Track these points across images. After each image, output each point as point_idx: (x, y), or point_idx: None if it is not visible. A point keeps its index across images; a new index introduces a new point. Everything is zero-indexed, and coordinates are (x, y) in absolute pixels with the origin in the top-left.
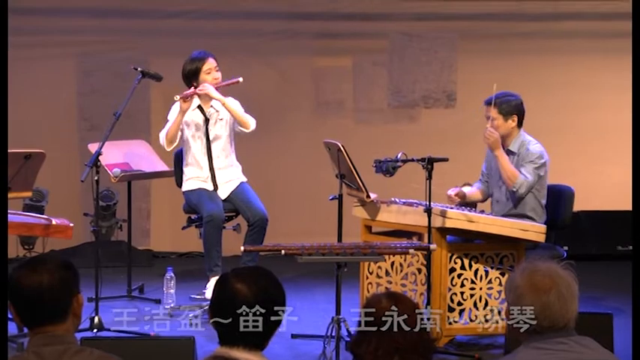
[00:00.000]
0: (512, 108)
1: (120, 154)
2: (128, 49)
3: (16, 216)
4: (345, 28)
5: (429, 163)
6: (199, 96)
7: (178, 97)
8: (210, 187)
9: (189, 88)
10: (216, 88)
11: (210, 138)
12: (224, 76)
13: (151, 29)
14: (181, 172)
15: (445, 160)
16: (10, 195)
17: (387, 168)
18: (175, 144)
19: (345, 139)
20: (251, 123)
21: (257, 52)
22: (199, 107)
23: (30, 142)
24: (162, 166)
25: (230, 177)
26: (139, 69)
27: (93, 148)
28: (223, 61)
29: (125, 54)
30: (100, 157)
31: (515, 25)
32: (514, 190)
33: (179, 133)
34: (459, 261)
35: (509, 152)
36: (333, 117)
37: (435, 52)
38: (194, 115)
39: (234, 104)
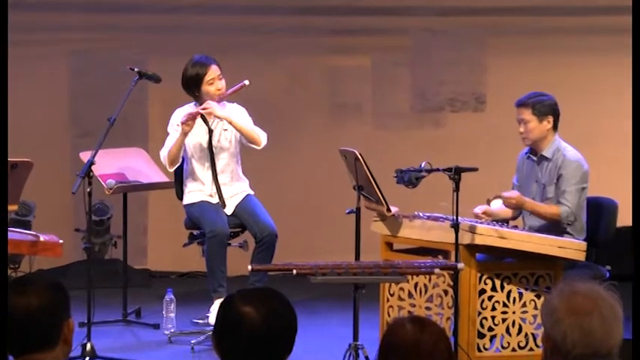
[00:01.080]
0: (547, 108)
1: (115, 164)
2: (124, 47)
3: None
4: (363, 24)
5: (456, 174)
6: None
7: (180, 123)
8: (216, 201)
9: (191, 95)
10: (221, 99)
11: (214, 151)
12: (229, 77)
13: (149, 25)
14: (182, 183)
15: (474, 169)
16: None
17: (409, 178)
18: (178, 164)
19: (363, 147)
20: (262, 139)
21: (265, 51)
22: (202, 117)
23: (16, 150)
24: (161, 177)
25: (235, 191)
26: (135, 69)
27: (85, 156)
28: (228, 61)
29: (121, 53)
30: (93, 167)
31: (552, 19)
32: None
33: (182, 152)
34: (489, 282)
35: (543, 158)
36: (350, 122)
37: (462, 51)
38: (197, 126)
39: (241, 118)
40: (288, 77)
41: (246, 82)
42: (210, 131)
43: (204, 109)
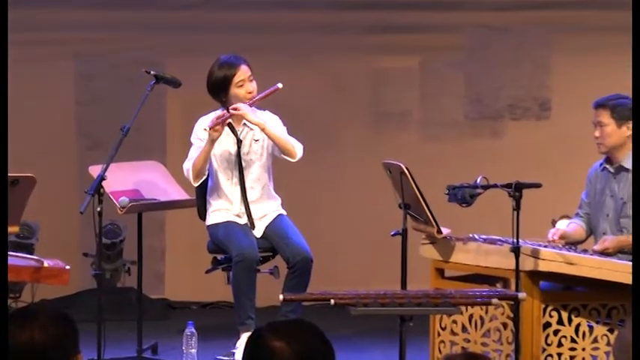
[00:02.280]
0: (629, 113)
1: (128, 179)
2: (138, 47)
3: None
4: (411, 20)
5: (516, 190)
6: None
7: (208, 127)
8: (244, 222)
9: (218, 101)
10: (252, 103)
11: (243, 164)
12: (259, 82)
13: (167, 23)
14: (205, 201)
15: (537, 186)
16: None
17: (463, 196)
18: (204, 178)
19: (411, 160)
20: (298, 150)
21: (299, 51)
22: (229, 125)
23: (16, 164)
24: (180, 194)
25: (266, 211)
26: (152, 72)
27: (95, 171)
28: (257, 63)
29: (135, 54)
30: (104, 183)
31: (625, 14)
32: None
33: (208, 163)
34: (555, 314)
35: (621, 169)
36: (395, 132)
37: (523, 50)
38: (223, 135)
39: (274, 126)
40: (324, 81)
41: (280, 85)
42: (239, 141)
43: (234, 109)
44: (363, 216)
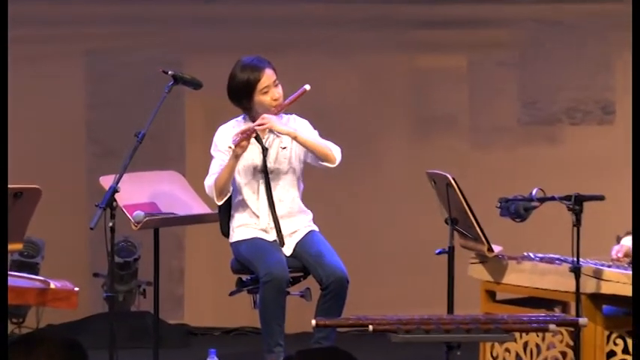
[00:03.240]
0: None
1: (144, 191)
2: (155, 44)
3: None
4: (458, 14)
5: (576, 203)
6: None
7: (232, 145)
8: (272, 238)
9: (239, 107)
10: (279, 110)
11: (270, 175)
12: (286, 83)
13: (186, 17)
14: (229, 215)
15: (600, 198)
16: None
17: (516, 209)
18: (228, 195)
19: (458, 169)
20: (336, 154)
21: (333, 49)
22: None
23: (20, 174)
24: (201, 208)
25: (296, 227)
26: (169, 72)
27: (106, 182)
28: (285, 62)
29: (151, 52)
30: (117, 195)
31: None
32: None
33: (232, 180)
34: (620, 342)
35: None
36: (441, 138)
37: (584, 47)
38: (249, 145)
39: (306, 132)
40: (362, 82)
41: (307, 87)
42: (265, 150)
43: (260, 125)
44: (405, 232)
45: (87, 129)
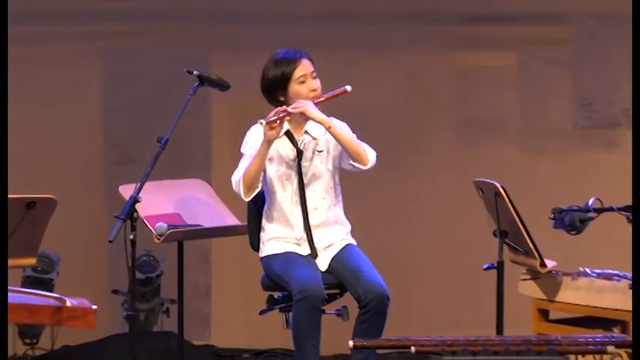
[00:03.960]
0: None
1: (167, 201)
2: (178, 42)
3: (12, 295)
4: (507, 8)
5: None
6: (290, 117)
7: (264, 121)
8: (305, 252)
9: (274, 103)
10: (316, 105)
11: (305, 180)
12: (324, 83)
13: (212, 13)
14: (259, 227)
15: None
16: None
17: (572, 221)
18: (257, 190)
19: (508, 177)
20: (370, 156)
21: (371, 47)
22: (287, 134)
23: (33, 183)
24: (229, 219)
25: (332, 239)
26: (194, 72)
27: (127, 191)
28: (320, 61)
29: (174, 50)
30: (137, 206)
31: None
32: None
33: (262, 174)
34: None
35: None
36: (489, 143)
37: None
38: (280, 146)
39: (342, 129)
40: (402, 82)
41: (348, 87)
42: (299, 153)
43: (295, 107)
44: (449, 245)
45: (105, 134)
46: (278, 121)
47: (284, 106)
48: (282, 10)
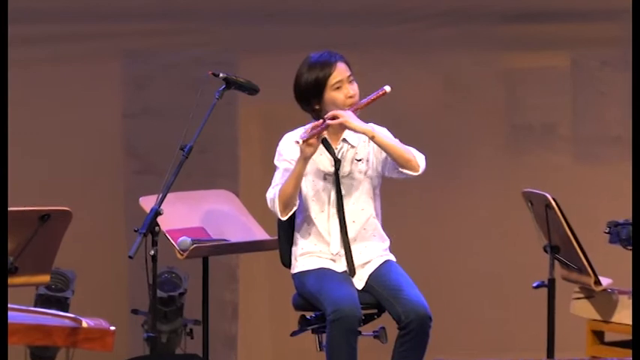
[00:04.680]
0: None
1: (191, 214)
2: (203, 43)
3: (24, 315)
4: (558, 5)
5: None
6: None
7: (300, 140)
8: (341, 269)
9: (308, 111)
10: (354, 110)
11: (343, 191)
12: (360, 90)
13: (240, 12)
14: (291, 242)
15: None
16: (14, 280)
17: (629, 235)
18: (295, 208)
19: (559, 188)
20: (420, 160)
21: (409, 47)
22: (324, 142)
23: (48, 194)
24: (258, 233)
25: (370, 255)
26: (220, 75)
27: (147, 203)
28: (354, 63)
29: (198, 52)
30: (159, 219)
31: None
32: None
33: (299, 190)
34: None
35: None
36: (538, 150)
37: None
38: (317, 156)
39: (386, 136)
40: (444, 85)
41: (387, 88)
42: (337, 162)
43: (333, 118)
44: (496, 261)
45: (124, 141)
46: (317, 136)
47: (321, 120)
48: (314, 8)
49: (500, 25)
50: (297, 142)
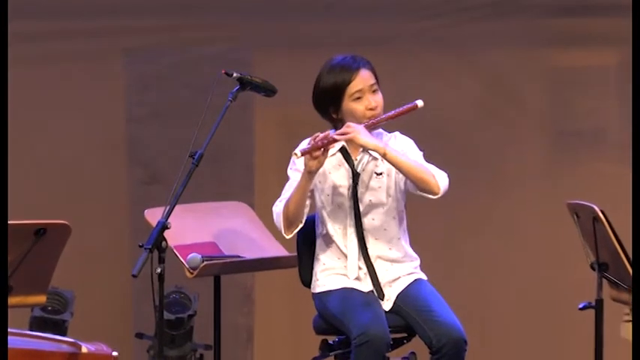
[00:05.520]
0: None
1: (201, 228)
2: (215, 40)
3: (18, 339)
4: None
5: None
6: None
7: (298, 152)
8: (367, 288)
9: (327, 119)
10: (374, 124)
11: (361, 207)
12: (388, 93)
13: (256, 5)
14: (311, 258)
15: None
16: (10, 300)
17: None
18: (300, 226)
19: (608, 199)
20: (440, 181)
21: (443, 44)
22: (343, 151)
23: (44, 207)
24: (275, 249)
25: (397, 273)
26: (234, 74)
27: (154, 216)
28: (380, 62)
29: (210, 49)
30: (166, 233)
31: None
32: None
33: (307, 208)
34: None
35: None
36: (587, 158)
37: None
38: (332, 165)
39: (408, 151)
40: (482, 86)
41: (420, 102)
42: (356, 175)
43: (342, 134)
44: (538, 280)
45: (128, 148)
46: (322, 149)
47: (327, 132)
48: (336, 3)
49: (544, 20)
50: (295, 155)
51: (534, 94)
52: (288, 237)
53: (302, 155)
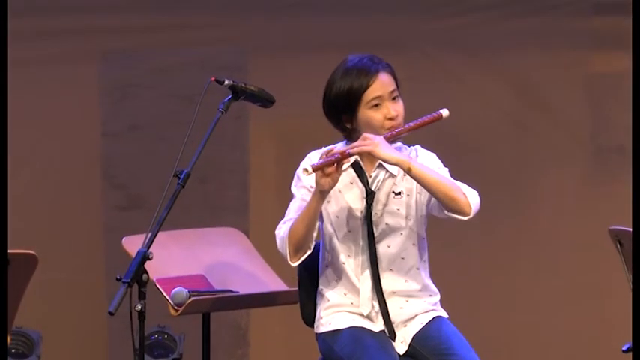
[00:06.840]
0: None
1: (187, 259)
2: (204, 42)
3: None
4: None
5: None
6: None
7: (309, 168)
8: (379, 328)
9: (339, 129)
10: (395, 135)
11: (376, 232)
12: (409, 99)
13: (249, 3)
14: (314, 293)
15: None
16: None
17: None
18: (308, 253)
19: None
20: (471, 200)
21: (467, 46)
22: (355, 167)
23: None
24: (272, 283)
25: (413, 310)
26: (225, 82)
27: (133, 245)
28: (398, 66)
29: (198, 53)
30: (147, 265)
31: None
32: None
33: (316, 231)
34: None
35: None
36: (629, 177)
37: None
38: (343, 183)
39: (429, 167)
40: (510, 94)
41: (445, 112)
42: (370, 194)
43: (358, 147)
44: (575, 317)
45: (103, 167)
46: (335, 164)
47: (344, 148)
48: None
49: (584, 18)
50: (306, 171)
51: (569, 103)
52: (294, 264)
53: (313, 171)
